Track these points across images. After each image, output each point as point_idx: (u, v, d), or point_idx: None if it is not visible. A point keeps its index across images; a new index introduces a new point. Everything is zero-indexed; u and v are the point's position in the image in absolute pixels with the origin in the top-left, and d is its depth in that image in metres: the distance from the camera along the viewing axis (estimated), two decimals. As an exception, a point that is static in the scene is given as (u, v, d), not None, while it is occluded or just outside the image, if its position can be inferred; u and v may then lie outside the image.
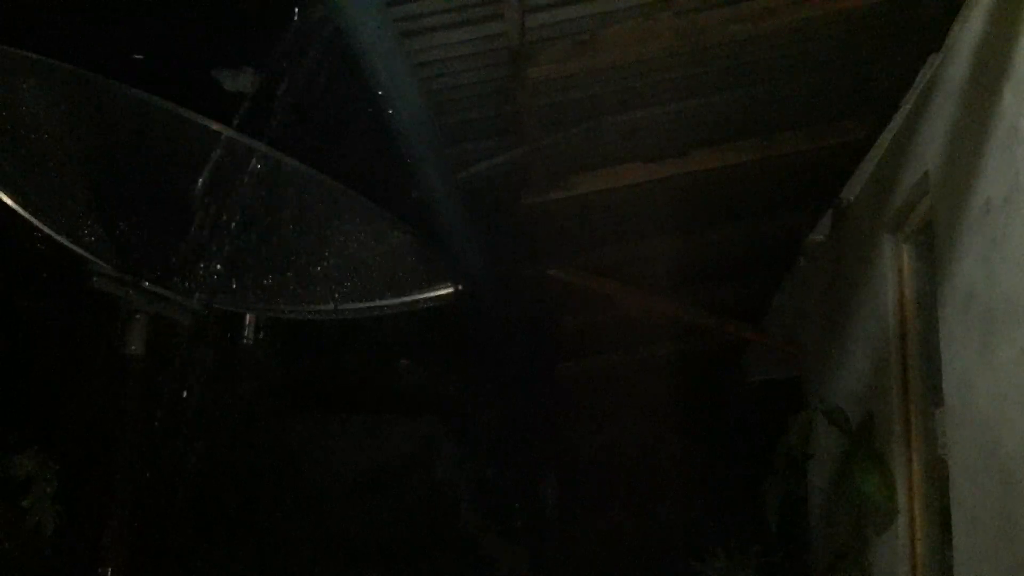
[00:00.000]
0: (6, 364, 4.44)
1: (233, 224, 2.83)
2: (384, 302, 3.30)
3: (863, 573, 4.22)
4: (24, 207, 2.78)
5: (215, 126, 2.64)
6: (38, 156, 2.76)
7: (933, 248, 3.46)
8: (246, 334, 3.22)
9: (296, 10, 2.88)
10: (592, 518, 7.47)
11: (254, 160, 2.64)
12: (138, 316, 2.78)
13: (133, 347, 2.80)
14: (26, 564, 4.57)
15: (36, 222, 2.85)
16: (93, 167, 2.79)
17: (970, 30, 3.04)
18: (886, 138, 3.99)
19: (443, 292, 3.28)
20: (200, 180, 2.74)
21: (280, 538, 6.36)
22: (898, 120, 3.83)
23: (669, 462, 7.35)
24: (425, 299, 3.25)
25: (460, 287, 3.26)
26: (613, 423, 7.59)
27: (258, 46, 3.22)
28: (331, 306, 3.15)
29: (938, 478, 3.54)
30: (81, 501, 4.46)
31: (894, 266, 4.04)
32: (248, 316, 3.20)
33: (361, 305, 3.24)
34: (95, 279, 2.80)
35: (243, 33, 3.28)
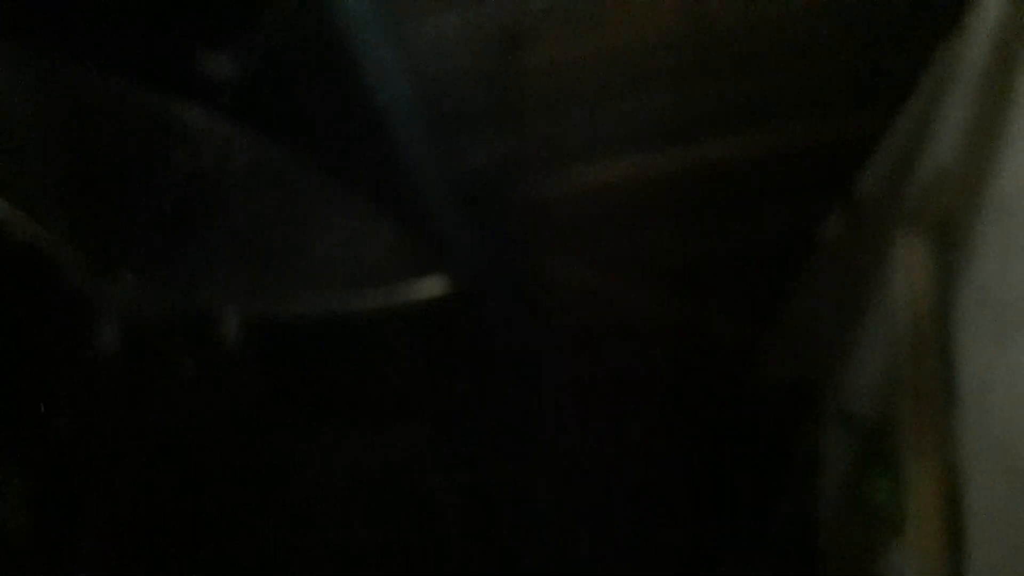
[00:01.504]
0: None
1: (214, 217, 2.81)
2: (372, 300, 3.29)
3: (874, 584, 4.21)
4: (-6, 198, 2.77)
5: (194, 112, 2.63)
6: (8, 144, 2.75)
7: (950, 244, 3.45)
8: (228, 333, 3.20)
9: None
10: (595, 527, 7.46)
11: (232, 148, 2.63)
12: (113, 314, 2.77)
13: (108, 346, 2.79)
14: (-1, 572, 4.56)
15: (6, 213, 2.83)
16: (66, 157, 2.78)
17: (987, 14, 3.03)
18: (901, 128, 3.98)
19: (434, 290, 3.27)
20: (178, 171, 2.73)
21: (264, 547, 6.35)
22: (914, 109, 3.82)
23: (673, 466, 7.35)
24: (415, 297, 3.24)
25: (452, 285, 3.25)
26: (616, 427, 7.58)
27: (241, 30, 3.21)
28: (316, 304, 3.14)
29: (952, 485, 3.53)
30: (55, 508, 4.45)
31: (908, 262, 4.03)
32: (230, 314, 3.18)
33: (348, 303, 3.22)
34: (69, 275, 2.79)
35: (225, 16, 3.26)
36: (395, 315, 3.35)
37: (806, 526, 5.27)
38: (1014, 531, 2.83)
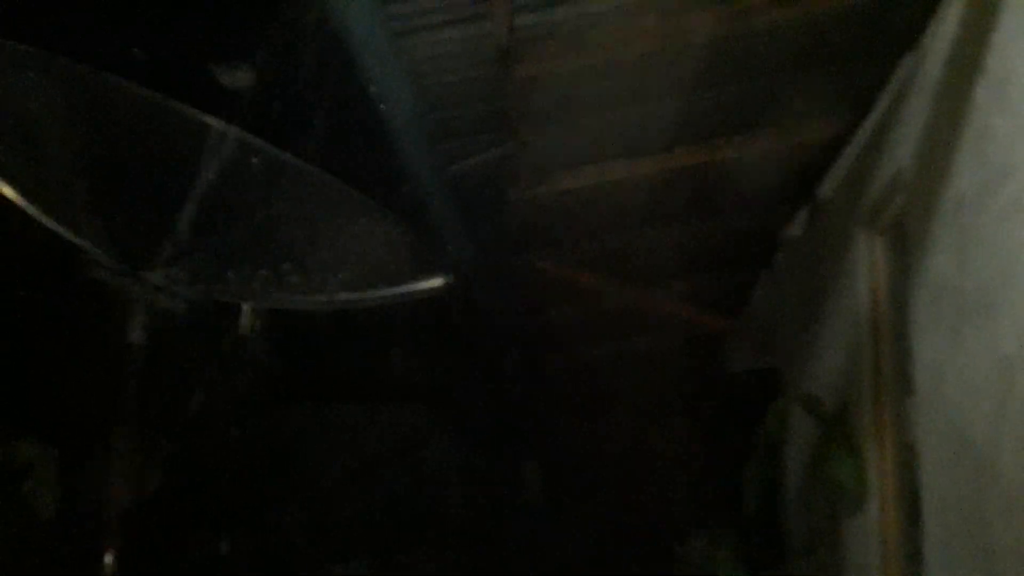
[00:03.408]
0: (6, 353, 4.40)
1: (230, 216, 2.81)
2: (377, 293, 3.28)
3: (836, 555, 4.25)
4: (22, 198, 2.75)
5: (212, 120, 2.62)
6: (36, 148, 2.73)
7: (906, 242, 3.47)
8: (243, 324, 3.19)
9: (292, 8, 2.87)
10: (577, 504, 7.49)
11: (250, 154, 2.63)
12: (137, 306, 2.76)
13: (132, 336, 2.77)
14: (26, 550, 4.53)
15: (36, 213, 2.81)
16: (91, 159, 2.76)
17: (945, 30, 3.05)
18: (862, 135, 4.00)
19: (434, 284, 3.26)
20: (197, 173, 2.72)
21: (274, 526, 6.34)
22: (874, 118, 3.84)
23: (651, 450, 7.38)
24: (417, 291, 3.24)
25: (451, 279, 3.25)
26: (597, 413, 7.61)
27: (255, 42, 3.20)
28: (326, 297, 3.13)
29: (909, 464, 3.56)
30: (81, 488, 4.43)
31: (868, 260, 4.06)
32: (245, 306, 3.17)
33: (355, 296, 3.22)
34: (94, 270, 2.78)
35: (241, 29, 3.25)
36: (398, 308, 3.35)
37: (773, 503, 5.30)
38: (966, 505, 2.86)
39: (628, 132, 4.18)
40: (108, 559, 2.75)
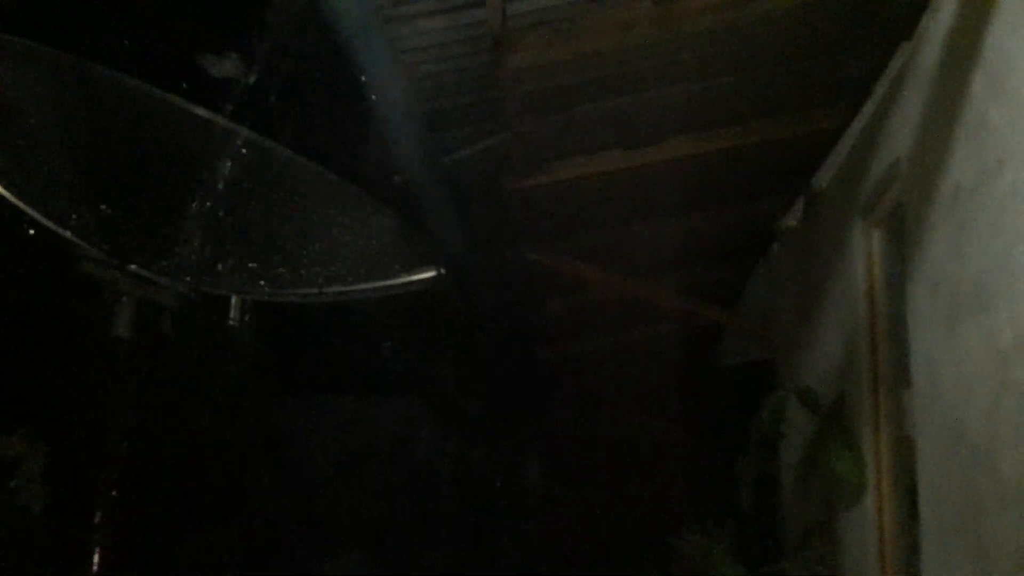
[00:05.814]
0: (-5, 347, 4.40)
1: (219, 208, 2.80)
2: (368, 285, 3.28)
3: (833, 547, 4.27)
4: (11, 192, 2.75)
5: (200, 111, 2.61)
6: (24, 141, 2.73)
7: (903, 233, 3.48)
8: (232, 316, 3.19)
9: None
10: (573, 497, 7.50)
11: (239, 145, 2.62)
12: (125, 299, 2.75)
13: (120, 330, 2.77)
14: (15, 544, 4.53)
15: (23, 207, 2.81)
16: (80, 152, 2.76)
17: (940, 19, 3.05)
18: (858, 126, 4.01)
19: (426, 276, 3.27)
20: (186, 165, 2.71)
21: (266, 518, 6.35)
22: (870, 108, 3.84)
23: (647, 442, 7.39)
24: (409, 282, 3.24)
25: (442, 271, 3.25)
26: (593, 405, 7.62)
27: (244, 32, 3.19)
28: (316, 289, 3.13)
29: (906, 456, 3.57)
30: (70, 482, 4.43)
31: (864, 251, 4.06)
32: (234, 299, 3.17)
33: (346, 288, 3.22)
34: (82, 263, 2.77)
35: (229, 19, 3.24)
36: (391, 300, 3.36)
37: (769, 496, 5.31)
38: (962, 497, 2.87)
39: (622, 122, 4.18)
40: (97, 553, 2.75)
